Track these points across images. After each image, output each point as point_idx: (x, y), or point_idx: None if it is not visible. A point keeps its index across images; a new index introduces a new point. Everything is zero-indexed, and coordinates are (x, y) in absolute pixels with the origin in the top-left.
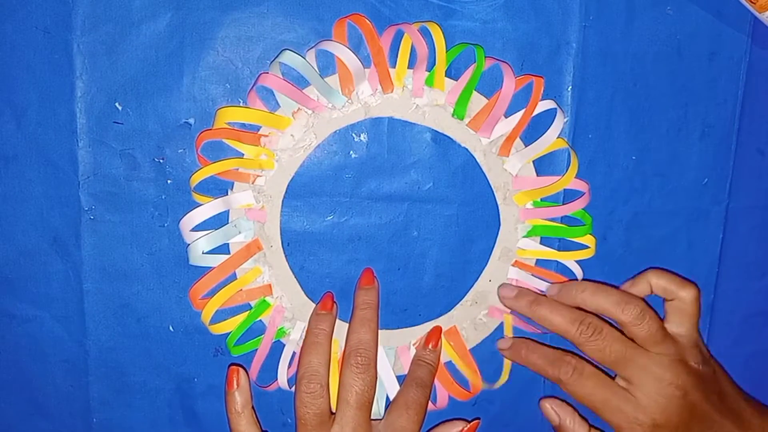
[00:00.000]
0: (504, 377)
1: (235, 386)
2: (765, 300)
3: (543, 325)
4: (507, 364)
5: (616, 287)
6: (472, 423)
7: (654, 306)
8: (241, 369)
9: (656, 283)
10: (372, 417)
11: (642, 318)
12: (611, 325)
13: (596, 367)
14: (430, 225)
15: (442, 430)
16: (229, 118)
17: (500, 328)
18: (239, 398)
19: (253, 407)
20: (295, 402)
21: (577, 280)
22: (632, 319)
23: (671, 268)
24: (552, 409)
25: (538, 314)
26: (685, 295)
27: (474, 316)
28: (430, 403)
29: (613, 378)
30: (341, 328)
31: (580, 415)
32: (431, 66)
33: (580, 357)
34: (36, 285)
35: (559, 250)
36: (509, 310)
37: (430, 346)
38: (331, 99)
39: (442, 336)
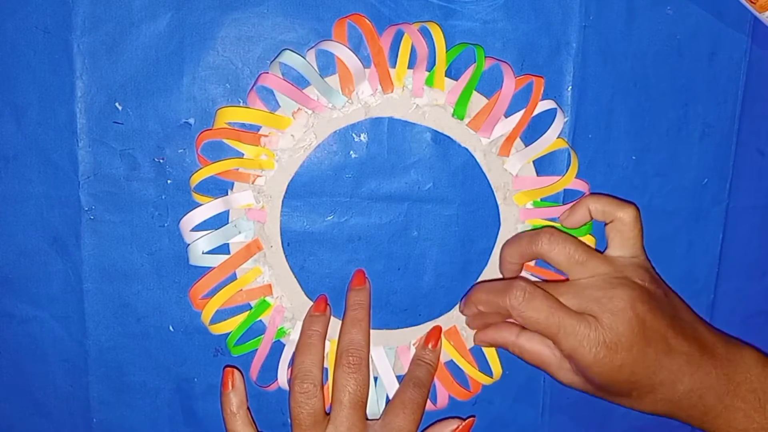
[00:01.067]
0: (497, 370)
1: (230, 387)
2: (765, 300)
3: (479, 309)
4: (492, 356)
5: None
6: (466, 421)
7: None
8: (236, 370)
9: (594, 207)
10: (371, 417)
11: (554, 242)
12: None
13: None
14: (430, 225)
15: (437, 428)
16: (229, 118)
17: None
18: (234, 399)
19: (248, 408)
20: (289, 402)
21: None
22: (546, 246)
23: (671, 268)
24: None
25: (472, 305)
26: (623, 215)
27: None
28: (429, 402)
29: None
30: (337, 327)
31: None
32: (431, 66)
33: (531, 282)
34: (36, 285)
35: None
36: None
37: (429, 346)
38: (331, 99)
39: (442, 336)
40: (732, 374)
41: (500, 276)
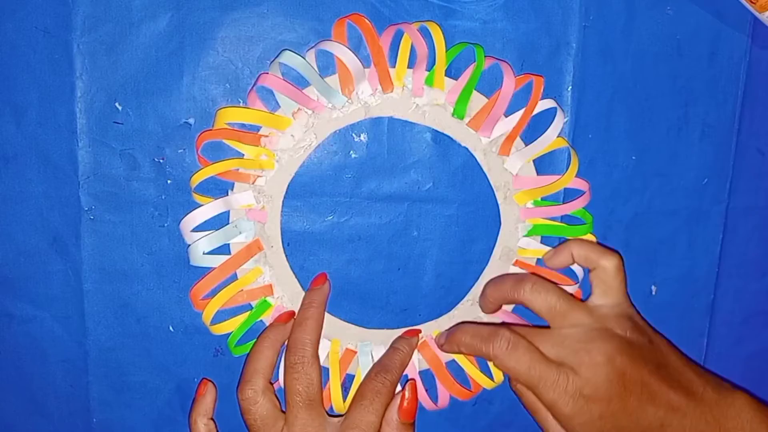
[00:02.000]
0: (498, 374)
1: (201, 395)
2: (765, 300)
3: (460, 350)
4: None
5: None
6: (408, 385)
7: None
8: (210, 383)
9: (578, 253)
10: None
11: (537, 291)
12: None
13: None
14: (430, 225)
15: (388, 410)
16: (229, 118)
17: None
18: (200, 407)
19: (213, 420)
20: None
21: (577, 280)
22: (528, 295)
23: (671, 268)
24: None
25: (461, 348)
26: (606, 263)
27: (474, 316)
28: (430, 402)
29: None
30: (337, 327)
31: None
32: (431, 66)
33: (515, 331)
34: (36, 285)
35: None
36: (510, 309)
37: (406, 337)
38: (331, 99)
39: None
40: (722, 420)
41: (499, 274)
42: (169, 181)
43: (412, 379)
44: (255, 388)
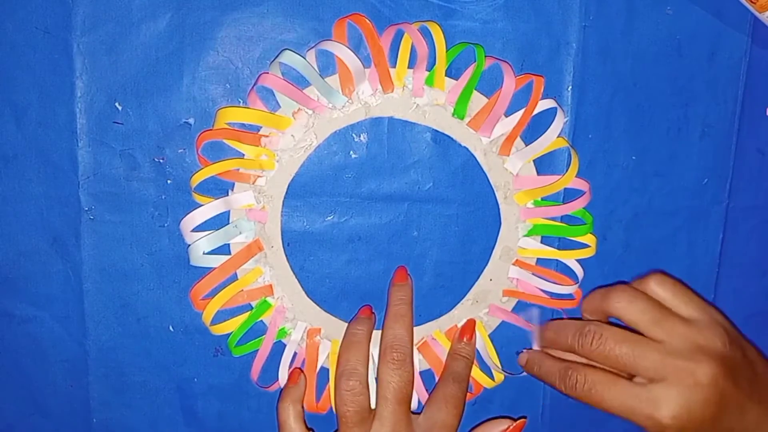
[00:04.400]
0: (498, 374)
1: (294, 383)
2: (765, 300)
3: (551, 347)
4: (493, 358)
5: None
6: (518, 422)
7: None
8: (303, 372)
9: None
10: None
11: (627, 300)
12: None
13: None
14: (430, 225)
15: (487, 427)
16: (230, 118)
17: (501, 327)
18: (293, 393)
19: (303, 407)
20: (335, 400)
21: (577, 280)
22: (618, 305)
23: (671, 268)
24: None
25: (546, 343)
26: (653, 287)
27: (475, 316)
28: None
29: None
30: (337, 327)
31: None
32: (431, 66)
33: (586, 364)
34: (36, 285)
35: (559, 249)
36: (509, 309)
37: (465, 339)
38: (331, 99)
39: (476, 330)
40: None
41: (499, 275)
42: (169, 181)
43: (524, 417)
44: (361, 380)
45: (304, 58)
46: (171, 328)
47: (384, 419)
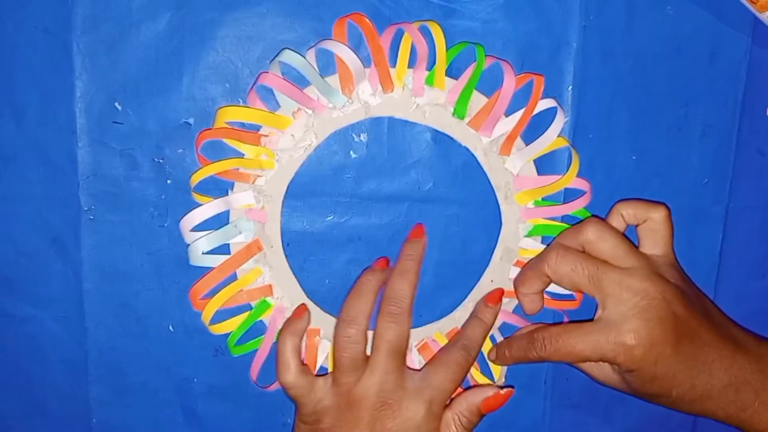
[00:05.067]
0: (499, 377)
1: (297, 317)
2: (765, 300)
3: (529, 285)
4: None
5: None
6: (504, 390)
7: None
8: (308, 311)
9: (626, 212)
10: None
11: (601, 231)
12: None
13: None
14: (430, 225)
15: (471, 393)
16: (229, 117)
17: (502, 328)
18: (294, 326)
19: (302, 341)
20: (333, 345)
21: None
22: (593, 236)
23: None
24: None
25: (522, 285)
26: (656, 215)
27: None
28: None
29: None
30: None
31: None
32: (431, 65)
33: (545, 325)
34: (36, 285)
35: None
36: (510, 310)
37: (489, 305)
38: (331, 99)
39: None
40: (766, 370)
41: (500, 275)
42: (168, 181)
43: (511, 387)
44: (359, 328)
45: (304, 58)
46: (171, 328)
47: (374, 369)
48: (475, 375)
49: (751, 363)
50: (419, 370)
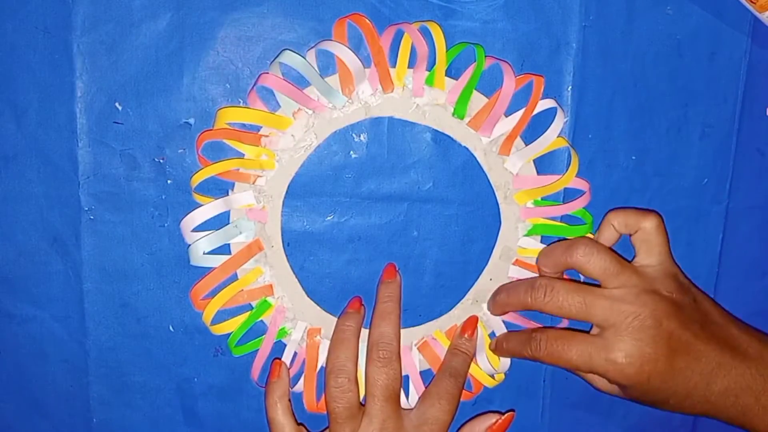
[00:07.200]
0: (499, 375)
1: (276, 376)
2: (765, 300)
3: (507, 310)
4: (493, 359)
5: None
6: (506, 415)
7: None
8: (283, 362)
9: (617, 221)
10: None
11: (589, 253)
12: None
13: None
14: (430, 225)
15: (474, 423)
16: (230, 118)
17: (508, 326)
18: (278, 389)
19: (290, 400)
20: (325, 397)
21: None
22: (581, 258)
23: None
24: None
25: (500, 307)
26: (647, 224)
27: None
28: None
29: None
30: (328, 321)
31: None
32: (431, 65)
33: (546, 327)
34: (36, 285)
35: None
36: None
37: (466, 335)
38: (331, 99)
39: (478, 326)
40: (766, 374)
41: (499, 274)
42: (169, 181)
43: (513, 411)
44: (349, 377)
45: (304, 58)
46: (171, 328)
47: (372, 416)
48: (476, 373)
49: (751, 368)
50: (413, 409)
